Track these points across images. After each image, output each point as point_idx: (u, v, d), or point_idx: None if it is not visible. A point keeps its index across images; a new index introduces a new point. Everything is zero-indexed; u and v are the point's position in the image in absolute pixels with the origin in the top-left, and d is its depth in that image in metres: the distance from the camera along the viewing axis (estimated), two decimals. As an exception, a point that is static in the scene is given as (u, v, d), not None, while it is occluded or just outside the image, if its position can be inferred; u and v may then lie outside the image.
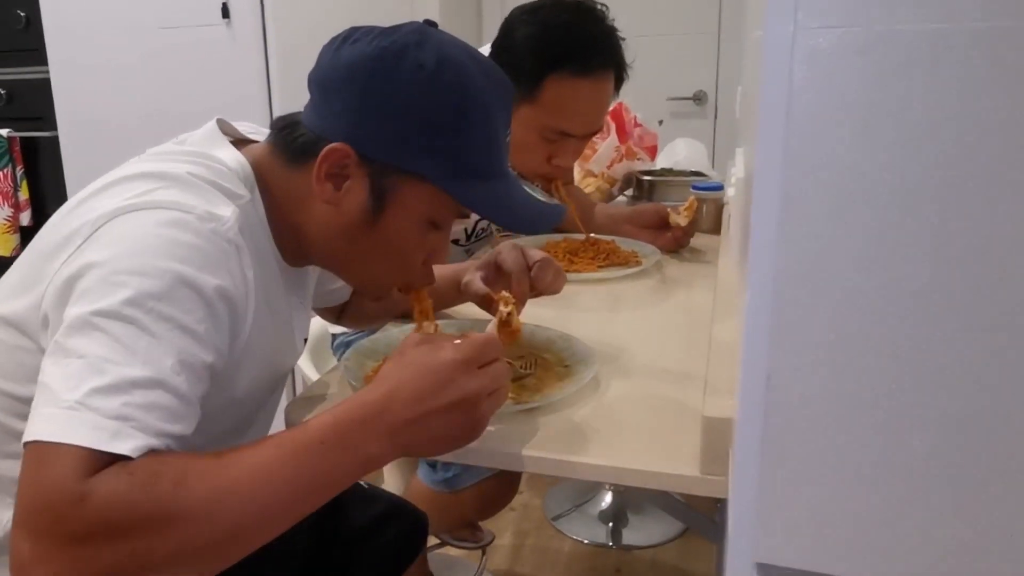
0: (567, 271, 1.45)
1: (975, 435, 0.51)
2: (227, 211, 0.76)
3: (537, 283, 1.06)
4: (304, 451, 0.67)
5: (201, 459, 0.63)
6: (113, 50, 2.41)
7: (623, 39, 1.46)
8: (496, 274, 1.09)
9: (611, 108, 2.00)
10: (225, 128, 0.89)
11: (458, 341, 0.74)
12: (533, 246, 1.57)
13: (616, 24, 1.46)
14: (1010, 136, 0.46)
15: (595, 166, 2.00)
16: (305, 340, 1.00)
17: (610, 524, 2.34)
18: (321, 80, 0.83)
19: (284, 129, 0.86)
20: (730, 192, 1.34)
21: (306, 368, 1.54)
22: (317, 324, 1.65)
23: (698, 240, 1.70)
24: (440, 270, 1.19)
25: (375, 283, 0.95)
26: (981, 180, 0.47)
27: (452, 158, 0.83)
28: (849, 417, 0.53)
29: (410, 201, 0.84)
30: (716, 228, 1.78)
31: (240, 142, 0.88)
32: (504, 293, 1.01)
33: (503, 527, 2.31)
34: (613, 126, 1.97)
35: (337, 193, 0.83)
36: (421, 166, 0.82)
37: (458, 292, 1.16)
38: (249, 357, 0.81)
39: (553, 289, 1.09)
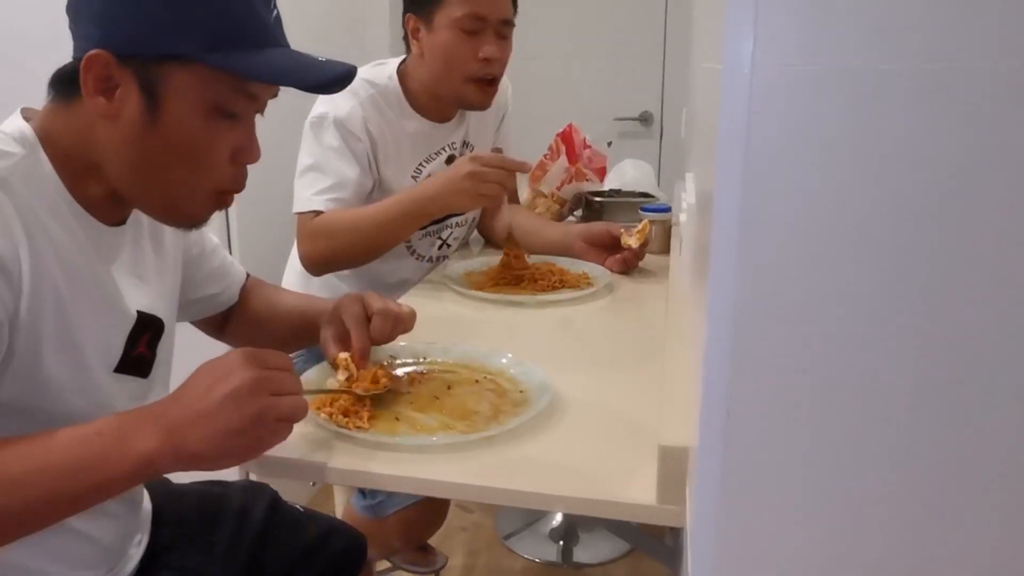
0: (514, 294, 1.46)
1: (934, 469, 0.52)
2: None
3: (376, 335, 1.05)
4: (79, 439, 0.72)
5: None
6: (49, 21, 2.29)
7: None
8: (342, 328, 1.06)
9: (561, 130, 2.01)
10: (28, 114, 0.86)
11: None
12: (481, 273, 1.57)
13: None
14: (960, 170, 0.47)
15: (545, 187, 2.00)
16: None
17: (561, 542, 2.34)
18: (68, 8, 0.82)
19: (53, 76, 0.85)
20: (682, 218, 1.36)
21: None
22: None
23: (647, 261, 1.72)
24: (300, 304, 1.20)
25: (181, 199, 0.88)
26: (935, 210, 0.48)
27: (210, 29, 0.80)
28: (809, 450, 0.53)
29: (183, 88, 0.80)
30: (665, 249, 1.80)
31: None
32: (341, 356, 1.01)
33: (455, 547, 2.29)
34: (563, 148, 1.98)
35: (112, 105, 0.80)
36: (180, 45, 0.79)
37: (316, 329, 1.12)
38: (46, 326, 0.79)
39: (394, 336, 1.08)
